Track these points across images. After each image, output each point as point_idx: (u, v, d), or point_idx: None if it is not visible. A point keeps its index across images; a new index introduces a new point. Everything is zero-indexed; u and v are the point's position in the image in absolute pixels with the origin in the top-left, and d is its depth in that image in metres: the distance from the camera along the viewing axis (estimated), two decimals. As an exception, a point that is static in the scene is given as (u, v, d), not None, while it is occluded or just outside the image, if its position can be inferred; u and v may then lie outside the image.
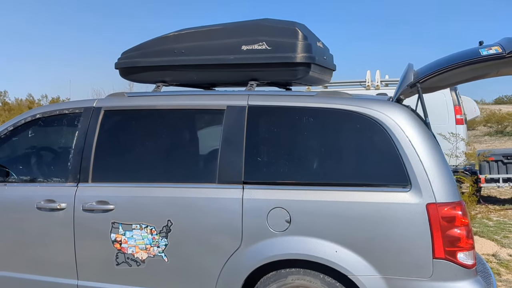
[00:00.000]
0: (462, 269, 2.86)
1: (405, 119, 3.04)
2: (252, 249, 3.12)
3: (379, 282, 2.92)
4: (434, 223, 2.85)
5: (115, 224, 3.38)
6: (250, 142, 3.23)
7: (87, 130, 3.61)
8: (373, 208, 2.94)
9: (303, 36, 3.50)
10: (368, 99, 3.24)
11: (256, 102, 3.32)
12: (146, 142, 3.56)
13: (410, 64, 3.39)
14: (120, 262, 3.40)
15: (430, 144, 3.01)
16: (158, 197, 3.33)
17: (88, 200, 3.46)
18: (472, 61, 2.95)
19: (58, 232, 3.54)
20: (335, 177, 3.08)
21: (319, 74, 3.77)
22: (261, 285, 3.15)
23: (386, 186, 2.97)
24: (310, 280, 3.04)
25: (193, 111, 3.51)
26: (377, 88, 10.06)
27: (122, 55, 3.99)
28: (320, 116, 3.18)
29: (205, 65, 3.68)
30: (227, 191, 3.20)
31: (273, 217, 3.08)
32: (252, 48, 3.53)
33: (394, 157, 2.98)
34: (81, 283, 3.53)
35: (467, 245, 2.88)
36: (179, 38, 3.76)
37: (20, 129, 3.87)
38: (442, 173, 2.94)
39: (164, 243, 3.28)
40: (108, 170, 3.55)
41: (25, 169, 3.88)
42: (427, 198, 2.88)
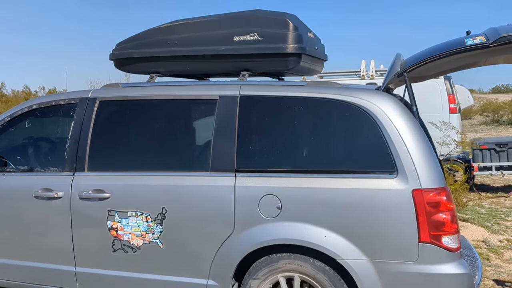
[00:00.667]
0: (447, 253, 2.95)
1: (391, 108, 3.12)
2: (244, 235, 3.21)
3: (367, 265, 3.01)
4: (419, 208, 2.95)
5: (111, 212, 3.47)
6: (242, 131, 3.32)
7: (83, 120, 3.69)
8: (361, 194, 3.03)
9: (294, 27, 3.57)
10: (356, 88, 3.32)
11: (248, 92, 3.40)
12: (140, 132, 3.63)
13: (398, 54, 3.46)
14: (117, 249, 3.49)
15: (417, 132, 3.09)
16: (152, 185, 3.41)
17: (84, 189, 3.55)
18: (456, 50, 3.02)
19: (55, 220, 3.63)
20: (325, 165, 3.17)
21: (310, 64, 3.84)
22: (253, 269, 3.25)
23: (374, 173, 3.06)
24: (301, 264, 3.14)
25: (186, 101, 3.59)
26: (371, 78, 10.14)
27: (117, 46, 4.05)
28: (310, 106, 3.26)
29: (197, 55, 3.75)
30: (220, 179, 3.29)
31: (265, 204, 3.17)
32: (244, 39, 3.60)
33: (381, 144, 3.06)
34: (78, 270, 3.63)
35: (452, 229, 2.97)
36: (172, 29, 3.83)
37: (17, 120, 3.94)
38: (428, 160, 3.03)
39: (159, 230, 3.37)
40: (103, 160, 3.63)
41: (23, 159, 3.96)
42: (413, 184, 2.97)
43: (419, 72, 3.33)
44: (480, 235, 6.14)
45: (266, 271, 3.21)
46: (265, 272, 3.21)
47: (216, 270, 3.29)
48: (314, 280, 3.12)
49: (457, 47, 3.03)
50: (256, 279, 3.23)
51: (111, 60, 4.11)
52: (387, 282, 3.00)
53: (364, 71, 10.23)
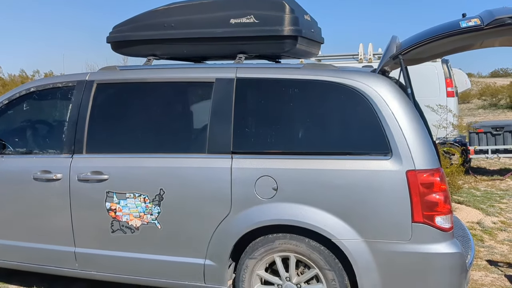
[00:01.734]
0: (440, 232, 3.01)
1: (386, 90, 3.15)
2: (241, 216, 3.26)
3: (361, 245, 3.07)
4: (413, 189, 2.99)
5: (110, 193, 3.52)
6: (238, 113, 3.35)
7: (81, 103, 3.71)
8: (355, 175, 3.08)
9: (290, 9, 3.58)
10: (352, 71, 3.35)
11: (244, 75, 3.42)
12: (138, 114, 3.66)
13: (394, 36, 3.47)
14: (115, 230, 3.54)
15: (411, 114, 3.13)
16: (150, 167, 3.45)
17: (83, 171, 3.59)
18: (451, 33, 3.04)
19: (54, 202, 3.67)
20: (320, 146, 3.20)
21: (306, 46, 3.85)
22: (250, 249, 3.31)
23: (368, 154, 3.10)
24: (296, 244, 3.19)
25: (183, 84, 3.61)
26: (369, 61, 10.13)
27: (113, 29, 4.06)
28: (306, 88, 3.29)
29: (194, 38, 3.76)
30: (216, 161, 3.33)
31: (261, 185, 3.22)
32: (240, 22, 3.61)
33: (376, 126, 3.10)
34: (78, 250, 3.68)
35: (445, 209, 3.03)
36: (169, 12, 3.83)
37: (15, 103, 3.97)
38: (422, 141, 3.07)
39: (157, 211, 3.42)
40: (101, 142, 3.66)
41: (21, 141, 3.99)
42: (407, 165, 3.02)
43: (414, 54, 3.35)
44: (475, 217, 6.21)
45: (262, 251, 3.27)
46: (261, 252, 3.27)
47: (213, 250, 3.34)
48: (309, 259, 3.18)
49: (452, 30, 3.04)
50: (253, 259, 3.29)
51: (108, 43, 4.11)
52: (381, 261, 3.06)
53: (362, 54, 10.22)
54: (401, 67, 3.30)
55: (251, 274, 3.32)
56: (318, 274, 3.19)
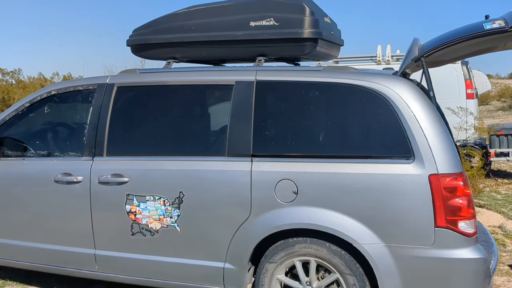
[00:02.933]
0: (463, 237, 2.96)
1: (408, 93, 3.11)
2: (260, 219, 3.24)
3: (382, 250, 3.03)
4: (436, 193, 2.95)
5: (130, 196, 3.53)
6: (258, 116, 3.34)
7: (101, 105, 3.73)
8: (377, 179, 3.04)
9: (310, 11, 3.56)
10: (373, 73, 3.31)
11: (264, 77, 3.41)
12: (158, 117, 3.67)
13: (415, 39, 3.43)
14: (135, 232, 3.55)
15: (433, 117, 3.08)
16: (170, 169, 3.45)
17: (103, 173, 3.61)
18: (475, 35, 2.99)
19: (75, 204, 3.70)
20: (341, 150, 3.17)
21: (326, 49, 3.83)
22: (270, 253, 3.29)
23: (390, 158, 3.06)
24: (317, 249, 3.17)
25: (203, 87, 3.61)
26: (387, 63, 10.06)
27: (134, 33, 4.08)
28: (326, 90, 3.26)
29: (214, 41, 3.76)
30: (236, 164, 3.32)
31: (281, 189, 3.20)
32: (260, 24, 3.60)
33: (398, 129, 3.06)
34: (98, 252, 3.70)
35: (468, 214, 2.97)
36: (189, 15, 3.84)
37: (36, 106, 4.01)
38: (445, 145, 3.02)
39: (177, 213, 3.42)
40: (122, 144, 3.68)
41: (42, 144, 4.03)
42: (430, 169, 2.97)
43: (436, 56, 3.31)
44: (496, 221, 6.11)
45: (283, 255, 3.25)
46: (281, 256, 3.25)
47: (233, 253, 3.33)
48: (330, 264, 3.15)
49: (476, 32, 3.00)
50: (273, 263, 3.27)
51: (128, 46, 4.15)
52: (402, 266, 3.01)
53: (380, 56, 10.16)
54: (423, 69, 3.26)
55: (271, 278, 3.30)
56: (339, 279, 3.16)
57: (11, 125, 4.04)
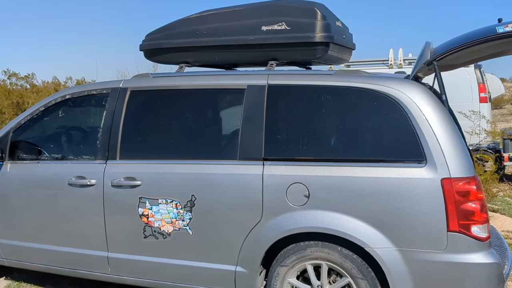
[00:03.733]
0: (476, 242, 2.94)
1: (420, 97, 3.10)
2: (272, 223, 3.25)
3: (394, 254, 3.02)
4: (448, 197, 2.94)
5: (142, 199, 3.56)
6: (270, 120, 3.35)
7: (114, 109, 3.77)
8: (389, 183, 3.04)
9: (322, 16, 3.57)
10: (385, 77, 3.31)
11: (275, 81, 3.42)
12: (170, 121, 3.70)
13: (427, 42, 3.43)
14: (148, 235, 3.58)
15: (446, 121, 3.07)
16: (182, 173, 3.48)
17: (116, 176, 3.64)
18: (488, 38, 2.98)
19: (88, 207, 3.73)
20: (353, 153, 3.17)
21: (338, 53, 3.83)
22: (281, 257, 3.29)
23: (402, 162, 3.06)
24: (328, 252, 3.17)
25: (215, 91, 3.63)
26: (400, 67, 10.01)
27: (147, 37, 4.12)
28: (338, 94, 3.27)
29: (226, 45, 3.78)
30: (248, 167, 3.33)
31: (292, 192, 3.20)
32: (272, 29, 3.62)
33: (410, 133, 3.06)
34: (111, 255, 3.73)
35: (481, 218, 2.96)
36: (201, 20, 3.87)
37: (50, 110, 4.06)
38: (457, 149, 3.01)
39: (189, 217, 3.44)
40: (135, 148, 3.71)
41: (56, 147, 4.08)
42: (442, 173, 2.96)
43: (449, 60, 3.30)
44: (510, 226, 6.05)
45: (294, 258, 3.25)
46: (293, 259, 3.25)
47: (244, 256, 3.34)
48: (341, 268, 3.15)
49: (488, 35, 2.98)
50: (284, 266, 3.28)
51: (141, 50, 4.18)
52: (415, 271, 3.00)
53: (392, 60, 10.12)
54: (435, 73, 3.25)
55: (283, 281, 3.31)
56: (351, 283, 3.15)
57: (26, 128, 4.09)
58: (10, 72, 20.36)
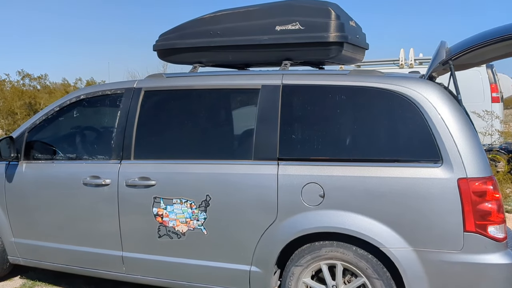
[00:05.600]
0: (493, 242, 2.92)
1: (436, 96, 3.09)
2: (287, 223, 3.25)
3: (410, 254, 3.01)
4: (465, 197, 2.92)
5: (157, 199, 3.57)
6: (285, 120, 3.35)
7: (129, 109, 3.79)
8: (405, 183, 3.02)
9: (336, 15, 3.56)
10: (400, 76, 3.30)
11: (290, 81, 3.42)
12: (185, 121, 3.70)
13: (442, 42, 3.41)
14: (162, 235, 3.59)
15: (462, 120, 3.06)
16: (197, 173, 3.49)
17: (131, 176, 3.66)
18: (505, 37, 2.95)
19: (103, 206, 3.75)
20: (368, 153, 3.17)
21: (352, 53, 3.83)
22: (296, 257, 3.29)
23: (418, 161, 3.04)
24: (343, 252, 3.16)
25: (229, 91, 3.64)
26: (410, 67, 9.97)
27: (160, 38, 4.13)
28: (353, 94, 3.26)
29: (240, 45, 3.79)
30: (262, 167, 3.33)
31: (307, 192, 3.20)
32: (286, 29, 3.62)
33: (426, 133, 3.04)
34: (125, 254, 3.75)
35: (498, 219, 2.94)
36: (215, 20, 3.87)
37: (65, 110, 4.09)
38: (473, 149, 2.99)
39: (203, 216, 3.45)
40: (149, 148, 3.73)
41: (71, 147, 4.11)
42: (458, 173, 2.95)
43: (464, 59, 3.28)
44: (524, 227, 5.99)
45: (309, 258, 3.25)
46: (307, 259, 3.25)
47: (259, 256, 3.34)
48: (356, 268, 3.14)
49: (506, 34, 2.96)
50: (299, 266, 3.27)
51: (154, 50, 4.20)
52: (431, 271, 2.99)
53: (403, 60, 10.07)
54: (451, 73, 3.23)
55: (297, 281, 3.30)
56: (366, 283, 3.14)
57: (41, 128, 4.13)
58: (24, 73, 20.58)
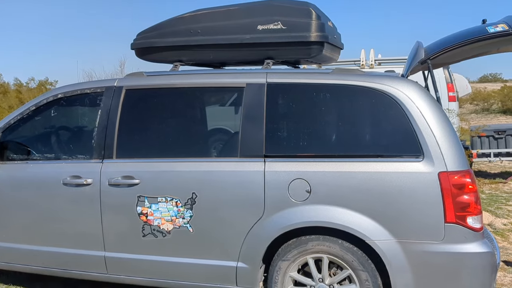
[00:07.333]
0: (471, 232, 3.08)
1: (416, 94, 3.22)
2: (274, 218, 3.31)
3: (394, 246, 3.13)
4: (445, 190, 3.07)
5: (141, 198, 3.55)
6: (270, 118, 3.40)
7: (110, 108, 3.75)
8: (388, 177, 3.14)
9: (317, 15, 3.65)
10: (382, 75, 3.43)
11: (274, 80, 3.48)
12: (168, 119, 3.70)
13: (419, 42, 3.56)
14: (146, 234, 3.57)
15: (441, 117, 3.20)
16: (182, 171, 3.49)
17: (113, 176, 3.62)
18: (481, 38, 3.13)
19: (84, 206, 3.70)
20: (352, 149, 3.27)
21: (330, 52, 3.93)
22: (283, 251, 3.35)
23: (401, 156, 3.17)
24: (329, 246, 3.25)
25: (214, 89, 3.66)
26: (371, 67, 10.22)
27: (138, 36, 4.10)
28: (337, 92, 3.35)
29: (221, 44, 3.81)
30: (249, 164, 3.38)
31: (294, 188, 3.27)
32: (268, 28, 3.67)
33: (408, 129, 3.17)
34: (108, 254, 3.71)
35: (476, 210, 3.10)
36: (195, 18, 3.88)
37: (42, 109, 3.99)
38: (452, 143, 3.15)
39: (189, 214, 3.46)
40: (132, 147, 3.71)
41: (49, 147, 4.03)
42: (439, 167, 3.09)
43: (440, 59, 3.45)
44: (485, 219, 6.29)
45: (295, 252, 3.32)
46: (294, 253, 3.32)
47: (246, 252, 3.39)
48: (342, 260, 3.24)
49: (481, 35, 3.14)
50: (286, 261, 3.34)
51: (132, 49, 4.16)
52: (414, 262, 3.12)
53: (363, 60, 10.31)
54: (429, 71, 3.39)
55: (284, 275, 3.37)
56: (351, 275, 3.24)
57: (16, 128, 4.02)
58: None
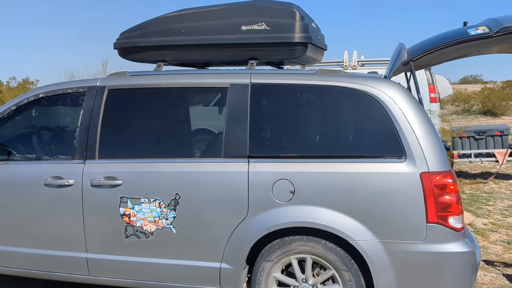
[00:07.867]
0: (453, 232, 3.12)
1: (399, 95, 3.26)
2: (258, 219, 3.31)
3: (377, 245, 3.15)
4: (427, 190, 3.10)
5: (124, 199, 3.52)
6: (254, 118, 3.40)
7: (92, 108, 3.71)
8: (371, 177, 3.16)
9: (301, 16, 3.66)
10: (365, 76, 3.45)
11: (258, 80, 3.48)
12: (151, 120, 3.68)
13: (401, 43, 3.60)
14: (129, 235, 3.54)
15: (423, 118, 3.24)
16: (165, 171, 3.47)
17: (96, 176, 3.59)
18: (462, 40, 3.18)
19: (66, 207, 3.65)
20: (336, 150, 3.29)
21: (314, 53, 3.94)
22: (266, 252, 3.36)
23: (383, 157, 3.19)
24: (313, 246, 3.26)
25: (197, 89, 3.65)
26: (354, 68, 10.30)
27: (121, 35, 4.07)
28: (320, 93, 3.37)
29: (205, 44, 3.81)
30: (233, 165, 3.37)
31: (278, 188, 3.27)
32: (252, 28, 3.67)
33: (390, 130, 3.20)
34: (90, 256, 3.67)
35: (457, 210, 3.14)
36: (179, 18, 3.87)
37: (23, 108, 3.94)
38: (434, 144, 3.18)
39: (172, 215, 3.44)
40: (114, 147, 3.67)
41: (30, 147, 3.97)
42: (421, 167, 3.12)
43: (423, 60, 3.48)
44: (466, 219, 6.38)
45: (279, 253, 3.32)
46: (278, 254, 3.32)
47: (230, 253, 3.38)
48: (326, 261, 3.25)
49: (462, 37, 3.18)
50: (269, 261, 3.34)
51: (115, 49, 4.13)
52: (396, 261, 3.14)
53: (346, 61, 10.38)
54: (411, 72, 3.42)
55: (268, 276, 3.37)
56: (335, 275, 3.26)
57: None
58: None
